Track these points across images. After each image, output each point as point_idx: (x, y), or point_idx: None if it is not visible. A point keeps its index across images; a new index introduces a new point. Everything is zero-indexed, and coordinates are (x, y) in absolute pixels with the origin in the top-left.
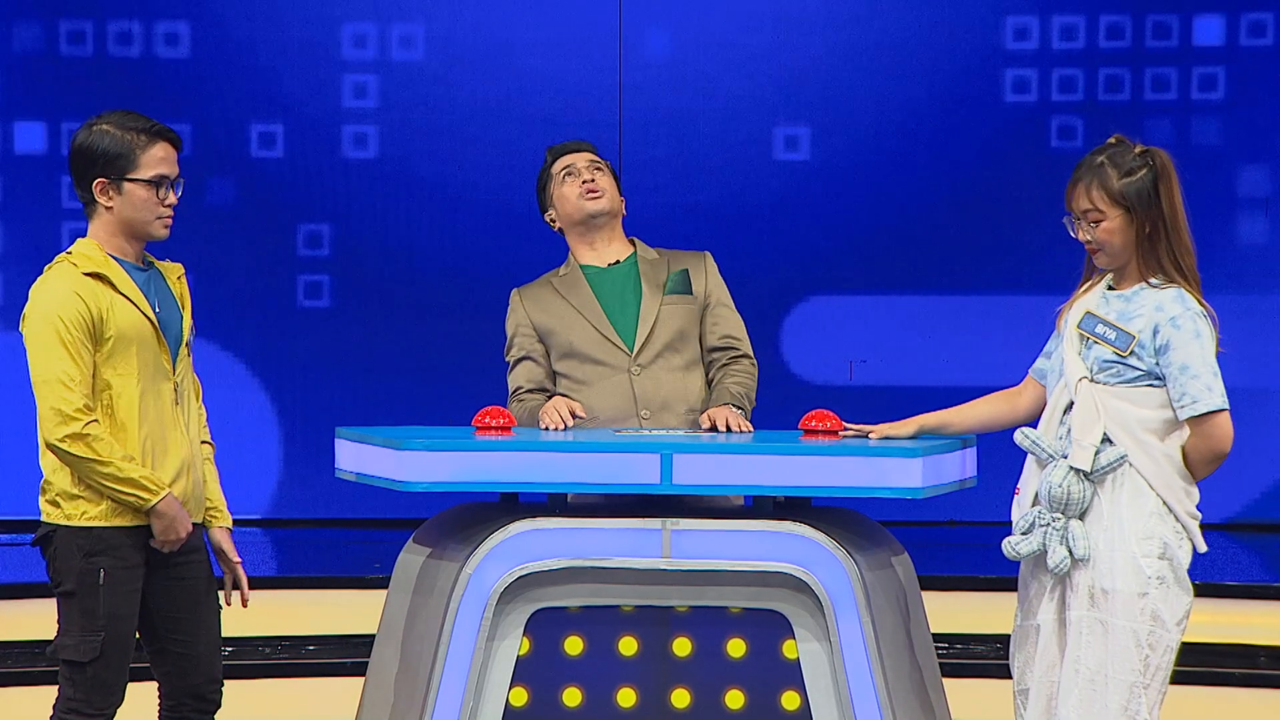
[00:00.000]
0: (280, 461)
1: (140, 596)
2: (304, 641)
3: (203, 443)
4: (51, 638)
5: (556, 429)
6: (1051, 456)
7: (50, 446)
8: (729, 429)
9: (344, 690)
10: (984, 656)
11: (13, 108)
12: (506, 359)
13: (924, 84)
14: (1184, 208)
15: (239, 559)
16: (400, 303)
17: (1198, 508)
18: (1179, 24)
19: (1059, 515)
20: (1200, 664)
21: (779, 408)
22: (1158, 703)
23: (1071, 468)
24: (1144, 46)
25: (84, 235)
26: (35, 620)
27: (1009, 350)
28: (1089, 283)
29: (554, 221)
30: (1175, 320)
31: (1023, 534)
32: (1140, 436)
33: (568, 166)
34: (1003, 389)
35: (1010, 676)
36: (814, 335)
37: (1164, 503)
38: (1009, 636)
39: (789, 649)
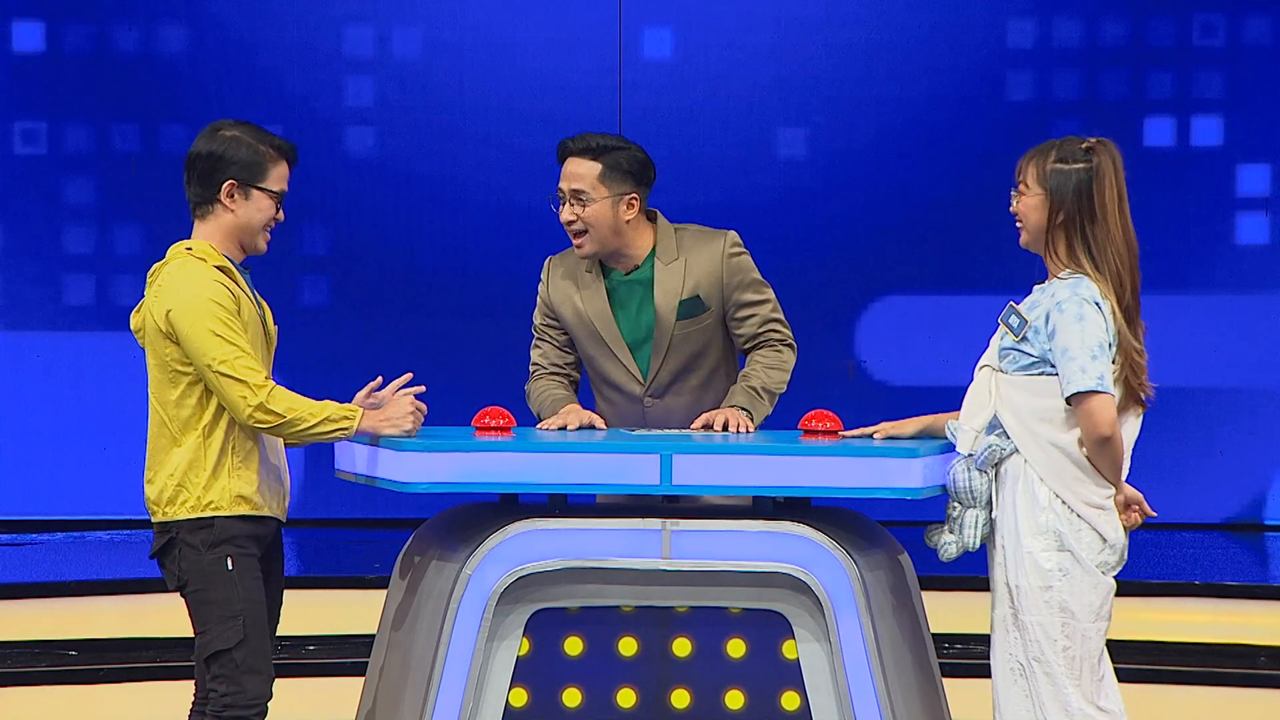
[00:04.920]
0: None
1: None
2: (304, 641)
3: None
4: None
5: (556, 427)
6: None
7: (247, 424)
8: (725, 429)
9: (344, 690)
10: (984, 656)
11: (13, 108)
12: (532, 329)
13: (924, 84)
14: (1118, 208)
15: None
16: (400, 302)
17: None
18: (1179, 24)
19: (957, 505)
20: (1200, 664)
21: (779, 408)
22: (1097, 690)
23: (960, 455)
24: (1144, 46)
25: (174, 239)
26: (35, 620)
27: None
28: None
29: None
30: (1061, 305)
31: (939, 524)
32: (1032, 426)
33: (559, 189)
34: None
35: None
36: (814, 335)
37: (1055, 495)
38: None
39: (789, 649)
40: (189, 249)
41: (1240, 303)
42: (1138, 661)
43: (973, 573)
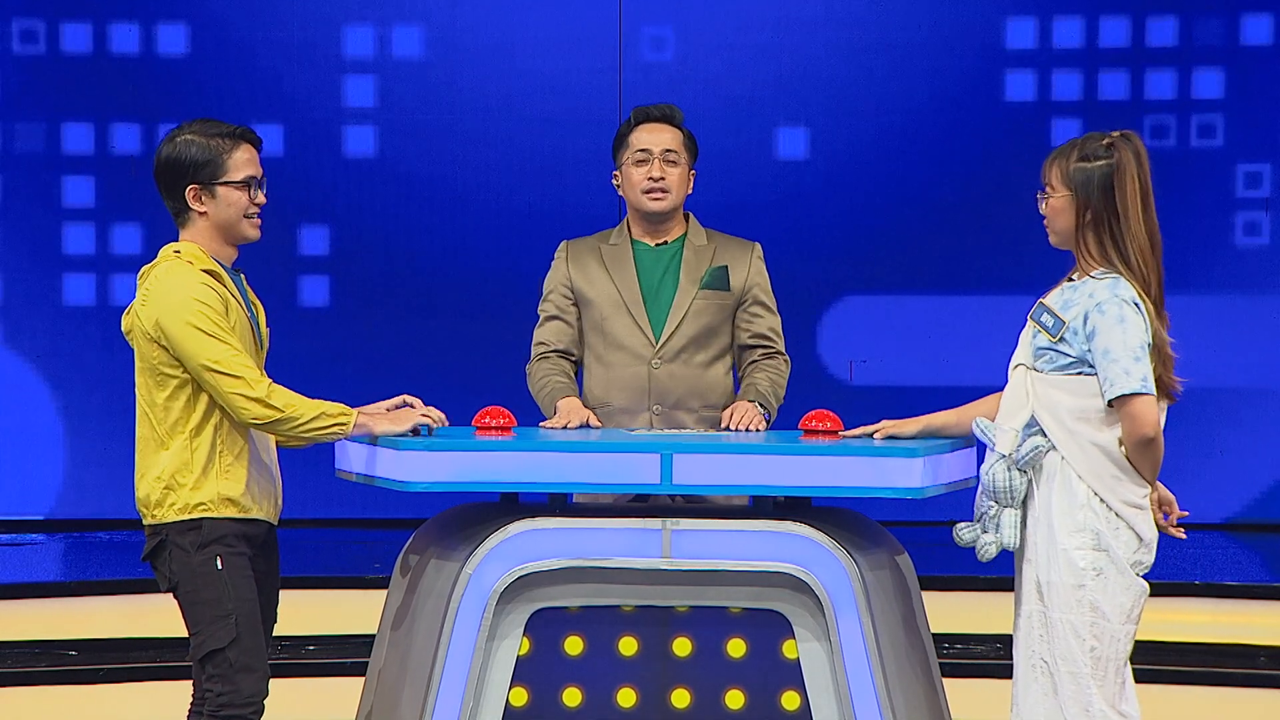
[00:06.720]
0: (280, 461)
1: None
2: (304, 641)
3: None
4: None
5: (558, 427)
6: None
7: (245, 420)
8: (738, 427)
9: (344, 690)
10: (984, 656)
11: (13, 108)
12: (539, 311)
13: (924, 84)
14: (1140, 202)
15: None
16: (400, 303)
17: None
18: (1179, 24)
19: (993, 504)
20: (1200, 664)
21: (779, 408)
22: (1119, 694)
23: (1000, 455)
24: (1144, 46)
25: (164, 242)
26: (35, 620)
27: (1009, 350)
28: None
29: (619, 186)
30: (1101, 306)
31: (969, 522)
32: (1071, 426)
33: (644, 149)
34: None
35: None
36: (813, 335)
37: (1094, 493)
38: (1009, 637)
39: (789, 649)
40: (177, 251)
41: (1240, 303)
42: (1138, 661)
43: (973, 573)
